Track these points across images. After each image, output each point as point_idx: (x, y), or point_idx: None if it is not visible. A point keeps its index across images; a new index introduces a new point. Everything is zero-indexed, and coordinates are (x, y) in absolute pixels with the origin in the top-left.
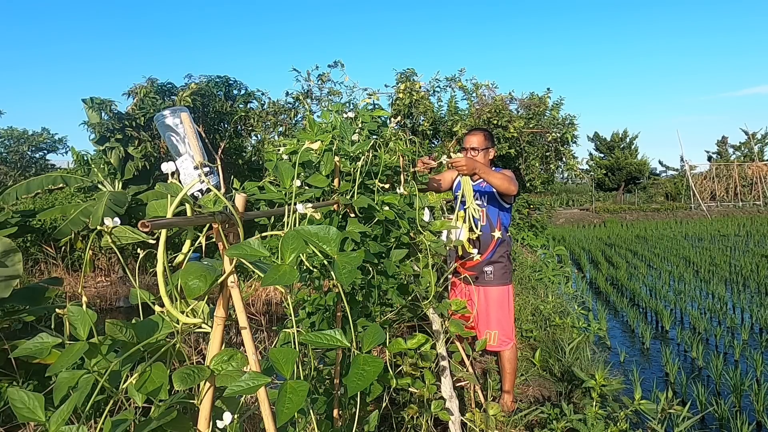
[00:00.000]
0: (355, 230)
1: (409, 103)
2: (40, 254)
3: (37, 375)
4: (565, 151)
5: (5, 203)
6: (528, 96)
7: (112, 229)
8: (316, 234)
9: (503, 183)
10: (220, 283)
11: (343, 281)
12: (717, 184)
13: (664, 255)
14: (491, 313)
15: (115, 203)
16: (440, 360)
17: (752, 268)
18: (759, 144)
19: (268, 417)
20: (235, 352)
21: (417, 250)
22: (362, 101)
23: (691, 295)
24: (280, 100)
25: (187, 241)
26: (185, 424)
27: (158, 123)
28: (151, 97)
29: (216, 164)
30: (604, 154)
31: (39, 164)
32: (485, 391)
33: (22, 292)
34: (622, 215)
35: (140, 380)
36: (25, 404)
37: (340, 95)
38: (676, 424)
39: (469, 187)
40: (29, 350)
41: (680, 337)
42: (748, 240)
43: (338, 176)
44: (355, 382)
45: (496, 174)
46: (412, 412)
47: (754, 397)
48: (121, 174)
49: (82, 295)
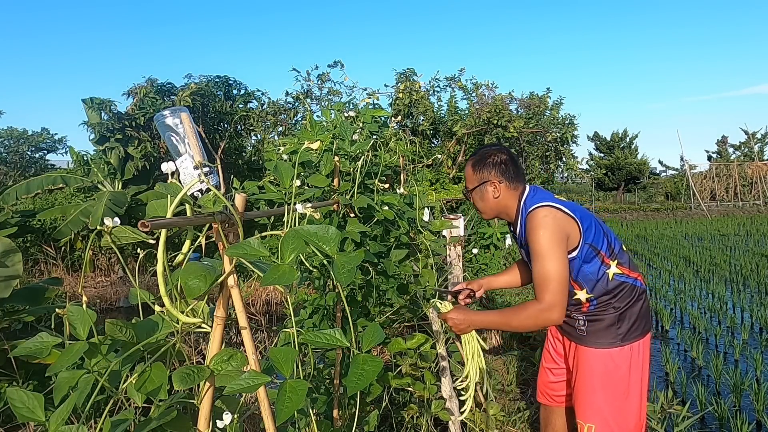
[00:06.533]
0: (354, 230)
1: (409, 103)
2: (40, 254)
3: (37, 375)
4: (565, 151)
5: (5, 203)
6: (528, 96)
7: (111, 229)
8: (316, 234)
9: (521, 322)
10: (220, 282)
11: (342, 281)
12: (717, 183)
13: (664, 254)
14: (586, 388)
15: (114, 203)
16: (440, 360)
17: (752, 268)
18: (759, 144)
19: (268, 416)
20: (235, 351)
21: (417, 250)
22: (362, 101)
23: (691, 295)
24: (279, 100)
25: (187, 241)
26: (185, 424)
27: (158, 123)
28: (151, 97)
29: (216, 164)
30: (604, 153)
31: (39, 164)
32: (485, 391)
33: (22, 292)
34: (622, 215)
35: (140, 380)
36: (25, 404)
37: (340, 95)
38: (676, 423)
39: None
40: (29, 350)
41: (680, 336)
42: (748, 239)
43: (338, 176)
44: (355, 381)
45: (501, 317)
46: (412, 412)
47: (753, 396)
48: (120, 174)
49: (82, 295)
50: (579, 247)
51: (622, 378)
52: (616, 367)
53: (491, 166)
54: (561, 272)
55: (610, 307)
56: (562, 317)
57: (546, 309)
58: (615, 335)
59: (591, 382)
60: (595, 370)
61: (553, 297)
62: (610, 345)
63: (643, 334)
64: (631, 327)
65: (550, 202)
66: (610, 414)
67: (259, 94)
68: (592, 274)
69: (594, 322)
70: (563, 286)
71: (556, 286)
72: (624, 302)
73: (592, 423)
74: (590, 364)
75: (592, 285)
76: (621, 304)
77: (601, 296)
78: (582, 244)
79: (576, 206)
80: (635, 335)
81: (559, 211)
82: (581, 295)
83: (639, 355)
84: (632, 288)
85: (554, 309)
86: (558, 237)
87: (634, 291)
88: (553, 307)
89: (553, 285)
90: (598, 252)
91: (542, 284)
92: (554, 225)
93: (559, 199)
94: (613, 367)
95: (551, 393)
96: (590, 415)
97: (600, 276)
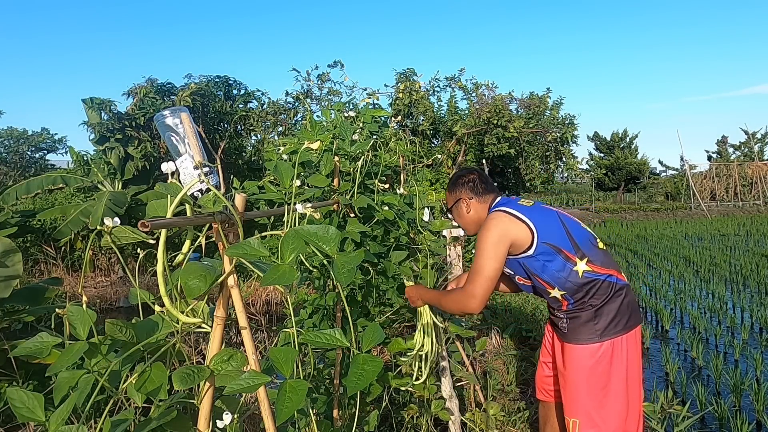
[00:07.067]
0: (354, 230)
1: (408, 103)
2: (40, 254)
3: (37, 375)
4: (565, 151)
5: (5, 203)
6: (528, 96)
7: (111, 229)
8: (316, 234)
9: (447, 304)
10: (220, 282)
11: (342, 281)
12: (717, 183)
13: (664, 254)
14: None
15: (114, 203)
16: (440, 360)
17: (752, 268)
18: (759, 143)
19: (268, 416)
20: (235, 351)
21: (417, 250)
22: (362, 101)
23: (691, 295)
24: (279, 99)
25: (187, 241)
26: (185, 424)
27: (158, 123)
28: (151, 97)
29: (216, 164)
30: (604, 153)
31: (39, 164)
32: (485, 391)
33: (22, 292)
34: (622, 215)
35: (140, 380)
36: (25, 404)
37: (340, 95)
38: (676, 423)
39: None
40: (29, 350)
41: (680, 336)
42: (748, 239)
43: (338, 176)
44: (355, 381)
45: (439, 296)
46: (412, 412)
47: (753, 396)
48: (120, 174)
49: (82, 295)
50: (534, 246)
51: (602, 373)
52: (597, 362)
53: (461, 185)
54: (491, 269)
55: (587, 304)
56: (481, 308)
57: (467, 297)
58: (593, 331)
59: (573, 378)
60: (576, 366)
61: (474, 288)
62: (589, 341)
63: (625, 329)
64: (610, 323)
65: (505, 207)
66: (593, 409)
67: (259, 94)
68: (558, 272)
69: (573, 319)
70: (489, 281)
71: (483, 280)
72: (600, 299)
73: (576, 418)
74: (572, 360)
75: (562, 282)
76: (597, 301)
77: (575, 294)
78: (537, 243)
79: (536, 210)
80: (615, 331)
81: (507, 215)
82: (555, 293)
83: (622, 350)
84: (608, 285)
85: (474, 299)
86: (497, 238)
87: (611, 287)
88: (474, 297)
89: (480, 279)
90: (560, 251)
91: (472, 276)
92: (496, 227)
93: (520, 205)
94: (594, 363)
95: (547, 388)
96: (574, 410)
97: (567, 274)
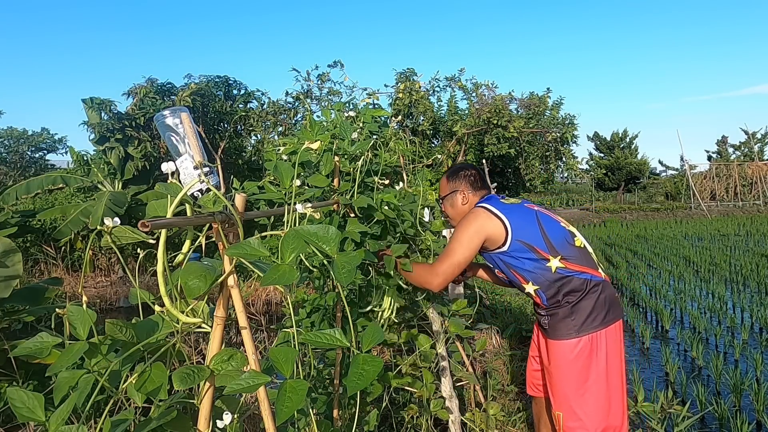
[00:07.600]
0: (354, 230)
1: (408, 103)
2: (40, 254)
3: (37, 375)
4: (565, 151)
5: (5, 203)
6: (528, 96)
7: (112, 229)
8: (316, 234)
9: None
10: (220, 282)
11: (342, 281)
12: (717, 183)
13: (664, 254)
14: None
15: (114, 203)
16: (440, 360)
17: (752, 268)
18: (759, 143)
19: (268, 416)
20: (235, 351)
21: (417, 250)
22: (362, 101)
23: (691, 295)
24: (279, 99)
25: (187, 241)
26: (185, 424)
27: (158, 123)
28: (151, 97)
29: (216, 164)
30: (604, 153)
31: (39, 164)
32: (485, 390)
33: (22, 292)
34: (622, 215)
35: (140, 380)
36: (25, 404)
37: (340, 95)
38: (676, 423)
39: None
40: (29, 350)
41: (680, 336)
42: (748, 239)
43: (338, 176)
44: (355, 381)
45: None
46: (412, 412)
47: (753, 396)
48: (121, 174)
49: (82, 295)
50: (508, 243)
51: (582, 368)
52: (576, 357)
53: (462, 177)
54: (461, 255)
55: (563, 300)
56: (440, 287)
57: (432, 274)
58: (571, 327)
59: (556, 373)
60: (558, 361)
61: (441, 267)
62: (567, 336)
63: (603, 324)
64: (587, 318)
65: (486, 204)
66: (575, 402)
67: (259, 94)
68: (531, 267)
69: (553, 316)
70: (456, 267)
71: (450, 263)
72: (576, 296)
73: (559, 411)
74: (554, 355)
75: (535, 278)
76: (573, 297)
77: (548, 289)
78: (511, 240)
79: (515, 209)
80: (593, 326)
81: (486, 212)
82: (529, 288)
83: (601, 345)
84: (583, 281)
85: (438, 277)
86: (473, 231)
87: (585, 284)
88: (437, 275)
89: (449, 261)
90: (533, 248)
91: (442, 257)
92: (475, 221)
93: (501, 203)
94: (573, 358)
95: (535, 382)
96: (558, 404)
97: (541, 270)
